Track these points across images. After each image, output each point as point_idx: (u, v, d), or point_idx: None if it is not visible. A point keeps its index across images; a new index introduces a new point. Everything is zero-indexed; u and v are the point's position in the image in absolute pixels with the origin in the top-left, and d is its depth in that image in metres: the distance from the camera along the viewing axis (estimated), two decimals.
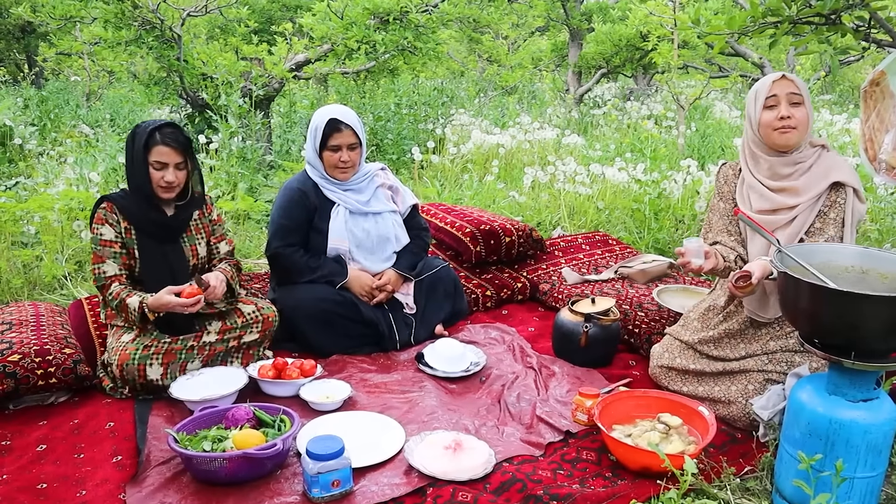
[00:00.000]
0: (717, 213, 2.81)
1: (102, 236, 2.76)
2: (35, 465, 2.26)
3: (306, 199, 3.26)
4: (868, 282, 2.13)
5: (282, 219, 3.25)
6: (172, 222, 2.85)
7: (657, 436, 2.32)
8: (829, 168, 2.55)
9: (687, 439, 2.33)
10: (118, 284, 2.74)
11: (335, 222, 3.25)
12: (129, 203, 2.79)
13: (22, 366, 2.56)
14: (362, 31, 6.83)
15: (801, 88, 2.53)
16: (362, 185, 3.35)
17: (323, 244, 3.26)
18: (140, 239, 2.80)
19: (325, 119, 3.20)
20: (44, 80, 13.60)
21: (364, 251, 3.32)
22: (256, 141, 6.59)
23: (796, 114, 2.51)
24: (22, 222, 4.37)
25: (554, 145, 7.64)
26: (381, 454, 2.30)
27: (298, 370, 2.79)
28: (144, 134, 2.70)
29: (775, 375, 2.49)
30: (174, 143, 2.73)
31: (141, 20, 6.43)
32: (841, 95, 14.11)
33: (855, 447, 1.92)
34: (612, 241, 4.51)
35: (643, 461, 2.20)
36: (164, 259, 2.83)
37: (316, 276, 3.20)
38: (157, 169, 2.73)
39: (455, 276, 3.54)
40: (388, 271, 3.33)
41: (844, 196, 2.52)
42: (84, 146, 7.54)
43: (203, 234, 2.98)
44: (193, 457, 2.12)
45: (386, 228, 3.36)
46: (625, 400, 2.54)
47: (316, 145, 3.24)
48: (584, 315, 3.04)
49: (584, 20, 12.76)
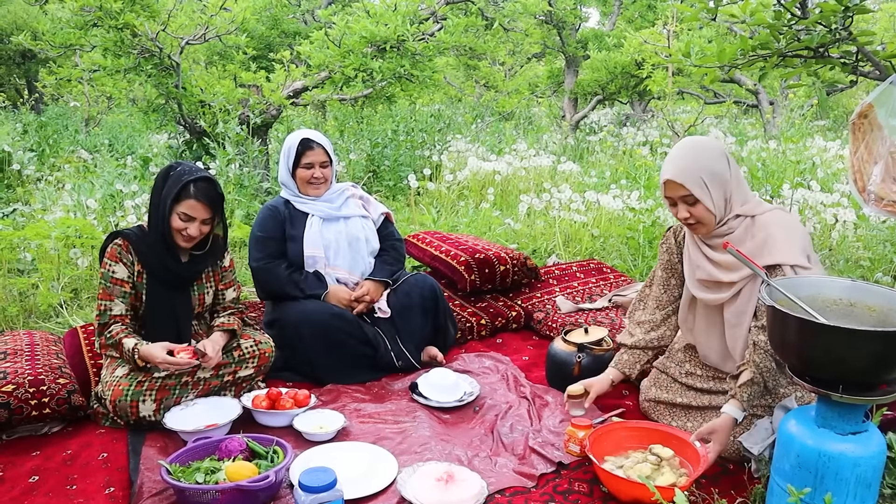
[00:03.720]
0: (656, 283, 2.82)
1: (115, 274, 2.73)
2: (27, 497, 2.26)
3: (278, 213, 3.43)
4: (856, 315, 2.14)
5: (258, 231, 3.41)
6: (186, 272, 2.84)
7: (648, 467, 2.32)
8: (761, 245, 2.40)
9: (678, 471, 2.33)
10: (120, 325, 2.73)
11: (309, 231, 3.39)
12: (144, 246, 2.76)
13: (16, 396, 2.56)
14: (359, 59, 6.90)
15: (690, 187, 2.39)
16: (333, 197, 3.52)
17: (299, 252, 3.37)
18: (150, 284, 2.78)
19: (297, 139, 3.41)
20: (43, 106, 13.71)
21: (340, 255, 3.42)
22: (254, 168, 6.63)
23: (694, 212, 2.44)
24: (18, 250, 4.39)
25: (550, 172, 7.70)
26: (373, 486, 2.31)
27: (292, 400, 2.80)
28: (179, 183, 2.67)
29: (759, 409, 2.49)
30: (206, 200, 2.70)
31: (140, 48, 6.49)
32: (835, 121, 14.23)
33: (844, 480, 1.93)
34: (607, 269, 4.53)
35: (634, 493, 2.20)
36: (171, 306, 2.82)
37: (299, 291, 3.29)
38: (182, 220, 2.70)
39: (433, 282, 3.55)
40: (366, 282, 3.42)
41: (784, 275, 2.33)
42: (82, 172, 7.58)
43: (212, 283, 2.97)
44: (186, 489, 2.12)
45: (356, 230, 3.49)
46: (617, 431, 2.54)
47: (289, 165, 3.42)
48: (577, 345, 3.06)
49: (580, 47, 12.90)
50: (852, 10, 2.84)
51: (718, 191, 2.43)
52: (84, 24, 6.56)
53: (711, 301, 2.54)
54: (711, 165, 2.41)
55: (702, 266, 2.55)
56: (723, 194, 2.44)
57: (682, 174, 2.39)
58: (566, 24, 12.28)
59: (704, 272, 2.54)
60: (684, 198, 2.43)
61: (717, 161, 2.42)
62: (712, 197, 2.41)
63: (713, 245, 2.53)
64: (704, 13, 3.26)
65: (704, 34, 10.00)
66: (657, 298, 2.83)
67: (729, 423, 2.34)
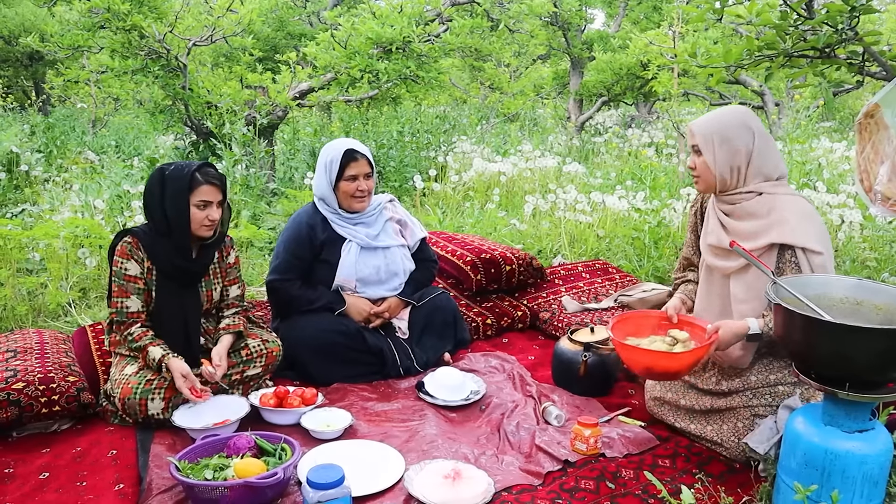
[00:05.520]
0: (685, 244, 2.95)
1: (127, 271, 2.75)
2: (38, 494, 2.28)
3: (314, 233, 3.28)
4: (863, 313, 2.15)
5: (286, 252, 3.28)
6: (195, 266, 2.86)
7: (663, 345, 2.48)
8: (770, 225, 2.44)
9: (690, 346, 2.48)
10: (140, 326, 2.74)
11: (346, 258, 3.27)
12: (154, 244, 2.78)
13: (26, 394, 2.58)
14: (365, 61, 6.92)
15: (697, 137, 2.54)
16: (371, 219, 3.37)
17: (330, 277, 3.28)
18: (160, 281, 2.79)
19: (341, 150, 3.23)
20: (50, 107, 13.76)
21: (372, 286, 3.34)
22: (260, 168, 6.66)
23: (697, 163, 2.57)
24: (27, 249, 4.41)
25: (555, 173, 7.70)
26: (381, 483, 2.32)
27: (300, 398, 2.81)
28: (186, 176, 2.71)
29: (761, 409, 2.49)
30: (216, 181, 2.77)
31: (147, 50, 6.53)
32: (841, 122, 14.20)
33: (851, 478, 1.94)
34: (612, 270, 4.54)
35: (646, 362, 2.45)
36: (180, 302, 2.83)
37: (314, 307, 3.23)
38: (201, 209, 2.74)
39: (455, 305, 3.57)
40: (391, 298, 3.37)
41: (796, 258, 2.38)
42: (89, 173, 7.62)
43: (220, 279, 2.98)
44: (195, 485, 2.13)
45: (395, 263, 3.38)
46: (639, 318, 2.73)
47: (332, 178, 3.24)
48: (583, 344, 3.07)
49: (585, 49, 12.91)
50: (858, 10, 2.84)
51: (726, 155, 2.50)
52: (92, 26, 6.60)
53: (720, 269, 2.58)
54: (727, 131, 2.50)
55: (714, 231, 2.61)
56: (730, 160, 2.50)
57: (698, 125, 2.55)
58: (571, 25, 12.29)
59: (715, 237, 2.59)
60: (694, 146, 2.57)
61: (735, 129, 2.50)
62: (716, 157, 2.50)
63: (728, 212, 2.58)
64: (710, 14, 3.26)
65: (710, 35, 9.99)
66: (686, 258, 2.93)
67: (741, 325, 2.39)
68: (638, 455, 2.55)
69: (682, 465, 2.49)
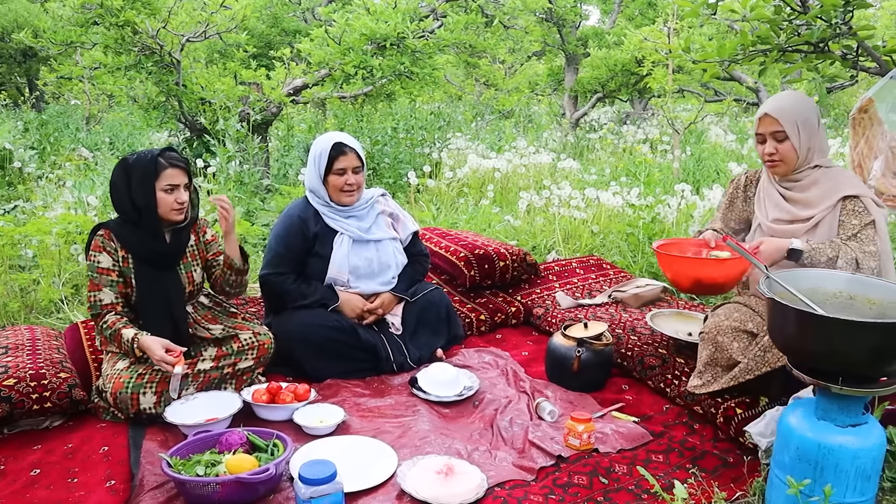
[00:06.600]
0: (721, 209, 3.04)
1: (99, 264, 2.76)
2: (29, 490, 2.26)
3: (306, 227, 3.27)
4: (856, 307, 2.15)
5: (279, 246, 3.28)
6: (170, 248, 2.87)
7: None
8: (836, 185, 2.63)
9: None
10: (114, 314, 2.76)
11: (338, 251, 3.27)
12: (125, 231, 2.80)
13: (17, 390, 2.57)
14: (360, 57, 6.91)
15: (784, 124, 2.62)
16: (363, 213, 3.37)
17: (322, 270, 3.27)
18: (137, 267, 2.80)
19: (329, 143, 3.23)
20: (44, 104, 13.71)
21: (364, 280, 3.34)
22: (254, 165, 6.64)
23: (781, 148, 2.65)
24: (20, 246, 4.39)
25: (550, 169, 7.70)
26: (373, 479, 2.31)
27: (292, 394, 2.80)
28: (150, 162, 2.73)
29: None
30: (180, 163, 2.79)
31: (140, 46, 6.51)
32: (835, 119, 14.21)
33: (844, 472, 1.94)
34: (607, 266, 4.53)
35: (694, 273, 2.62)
36: (161, 287, 2.83)
37: (308, 302, 3.22)
38: (168, 192, 2.76)
39: (448, 301, 3.56)
40: (384, 294, 3.36)
41: (863, 205, 2.58)
42: (83, 170, 7.58)
43: (199, 260, 3.00)
44: (187, 481, 2.13)
45: (387, 256, 3.38)
46: (681, 243, 2.89)
47: (321, 171, 3.25)
48: (577, 340, 3.06)
49: (580, 45, 12.89)
50: (853, 4, 2.83)
51: (805, 137, 2.65)
52: (85, 22, 6.57)
53: (791, 233, 2.66)
54: (807, 114, 2.65)
55: (780, 205, 2.74)
56: (808, 142, 2.65)
57: (781, 112, 2.64)
58: (566, 21, 12.27)
59: (783, 210, 2.72)
60: (775, 133, 2.65)
61: (811, 112, 2.67)
62: (800, 140, 2.64)
63: (790, 188, 2.73)
64: (704, 8, 3.25)
65: (705, 32, 9.99)
66: (721, 218, 3.03)
67: (784, 241, 2.52)
68: (631, 450, 2.55)
69: (676, 461, 2.49)
